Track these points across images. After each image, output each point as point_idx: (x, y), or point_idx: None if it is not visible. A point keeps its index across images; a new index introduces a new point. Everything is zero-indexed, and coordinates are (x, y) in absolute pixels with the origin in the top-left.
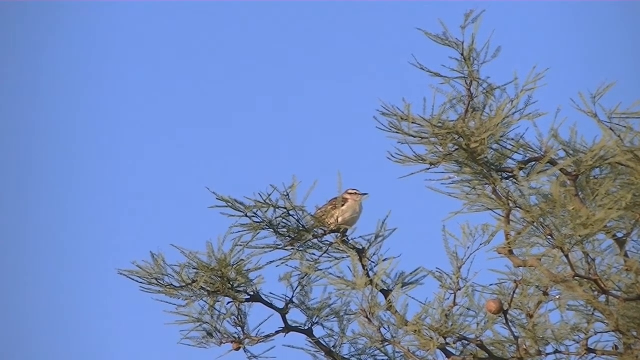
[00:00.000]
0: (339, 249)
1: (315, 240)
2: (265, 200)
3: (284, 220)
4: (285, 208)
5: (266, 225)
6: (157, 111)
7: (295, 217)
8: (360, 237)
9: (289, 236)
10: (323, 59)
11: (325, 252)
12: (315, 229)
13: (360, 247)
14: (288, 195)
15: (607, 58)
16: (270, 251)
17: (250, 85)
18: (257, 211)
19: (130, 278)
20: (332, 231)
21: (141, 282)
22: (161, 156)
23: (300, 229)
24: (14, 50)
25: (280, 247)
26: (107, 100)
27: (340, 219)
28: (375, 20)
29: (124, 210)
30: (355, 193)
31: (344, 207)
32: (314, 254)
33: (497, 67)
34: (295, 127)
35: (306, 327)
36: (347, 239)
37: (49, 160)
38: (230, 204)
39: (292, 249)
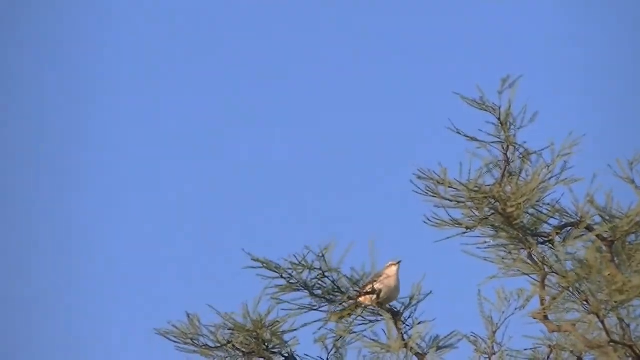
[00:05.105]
0: (374, 312)
1: (350, 302)
2: (300, 262)
3: (319, 282)
4: (321, 269)
5: (301, 286)
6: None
7: (331, 278)
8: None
9: (323, 297)
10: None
11: (359, 315)
12: (349, 291)
13: (395, 310)
14: (323, 256)
15: None
16: (306, 312)
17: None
18: (292, 272)
19: (166, 337)
20: (367, 293)
21: (176, 342)
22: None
23: (335, 290)
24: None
25: (315, 307)
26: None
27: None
28: (411, 83)
29: (159, 270)
30: (391, 265)
31: (380, 285)
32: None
33: (533, 132)
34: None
35: None
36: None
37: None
38: (265, 265)
39: (327, 310)
